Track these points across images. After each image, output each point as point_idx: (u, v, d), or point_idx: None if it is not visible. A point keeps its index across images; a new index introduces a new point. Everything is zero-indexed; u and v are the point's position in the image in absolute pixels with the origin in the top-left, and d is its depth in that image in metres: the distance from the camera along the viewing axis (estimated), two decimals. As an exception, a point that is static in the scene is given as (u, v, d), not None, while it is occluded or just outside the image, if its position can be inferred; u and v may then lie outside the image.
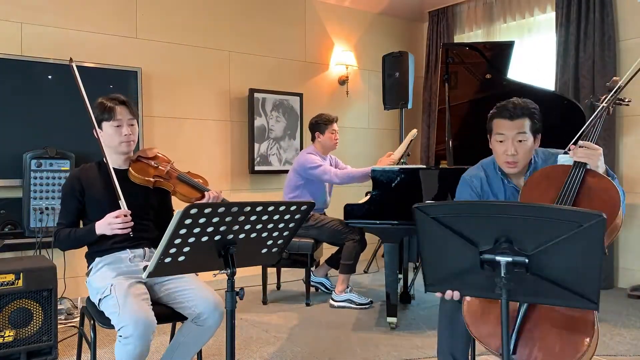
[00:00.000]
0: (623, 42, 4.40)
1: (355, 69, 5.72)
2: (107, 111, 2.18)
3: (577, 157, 1.72)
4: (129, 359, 1.85)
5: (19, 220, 3.66)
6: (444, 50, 3.55)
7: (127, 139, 2.21)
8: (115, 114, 2.18)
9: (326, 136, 4.03)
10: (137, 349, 1.84)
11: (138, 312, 1.88)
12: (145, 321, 1.87)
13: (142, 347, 1.85)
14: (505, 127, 1.95)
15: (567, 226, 1.30)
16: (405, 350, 2.98)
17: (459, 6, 5.75)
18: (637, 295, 4.08)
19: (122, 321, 1.87)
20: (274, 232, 1.68)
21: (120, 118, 2.19)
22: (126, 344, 1.84)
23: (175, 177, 2.31)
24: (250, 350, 2.99)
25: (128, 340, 1.83)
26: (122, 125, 2.19)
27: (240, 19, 4.93)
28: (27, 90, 3.75)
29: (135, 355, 1.85)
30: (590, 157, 1.71)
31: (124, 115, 2.21)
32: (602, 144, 4.36)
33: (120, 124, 2.19)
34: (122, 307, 1.90)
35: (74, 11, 4.05)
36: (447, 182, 3.27)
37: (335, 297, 3.85)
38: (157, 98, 4.43)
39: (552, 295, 1.41)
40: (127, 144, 2.22)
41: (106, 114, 2.18)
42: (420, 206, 1.42)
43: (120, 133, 2.19)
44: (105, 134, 2.20)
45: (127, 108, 2.22)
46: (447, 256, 1.48)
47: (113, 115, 2.18)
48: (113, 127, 2.18)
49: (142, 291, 2.04)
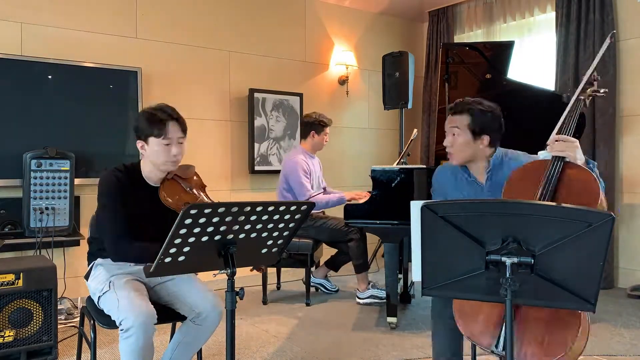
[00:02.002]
0: (623, 42, 4.40)
1: (355, 69, 5.72)
2: (158, 126, 1.98)
3: (555, 150, 1.75)
4: (133, 354, 1.84)
5: (19, 220, 3.66)
6: (444, 50, 3.55)
7: (174, 159, 2.03)
8: (167, 132, 1.99)
9: (320, 137, 4.06)
10: (139, 340, 1.82)
11: (137, 303, 1.88)
12: (145, 311, 1.86)
13: (144, 339, 1.83)
14: (447, 120, 2.16)
15: (576, 226, 1.30)
16: (405, 350, 2.98)
17: (459, 6, 5.75)
18: (637, 295, 4.08)
19: (122, 313, 1.86)
20: (274, 232, 1.68)
21: (171, 137, 2.00)
22: (128, 336, 1.83)
23: None
24: (250, 350, 2.99)
25: (129, 332, 1.83)
26: (172, 145, 2.00)
27: (240, 19, 4.93)
28: (27, 90, 3.75)
29: (138, 348, 1.83)
30: (567, 150, 1.74)
31: (175, 133, 2.01)
32: (602, 144, 4.36)
33: (170, 142, 2.00)
34: (121, 300, 1.90)
35: (74, 11, 4.05)
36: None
37: (360, 295, 3.93)
38: (157, 98, 4.42)
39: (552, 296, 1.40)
40: (172, 164, 2.05)
41: (156, 130, 1.98)
42: (429, 205, 1.41)
43: (168, 152, 2.00)
44: (150, 149, 2.01)
45: (179, 125, 2.03)
46: (450, 257, 1.47)
47: (164, 132, 1.98)
48: (162, 144, 1.99)
49: (141, 287, 2.04)
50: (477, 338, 1.70)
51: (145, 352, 1.86)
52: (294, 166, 3.91)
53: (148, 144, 2.02)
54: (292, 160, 3.95)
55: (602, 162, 4.36)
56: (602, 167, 4.36)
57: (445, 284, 1.50)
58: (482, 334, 1.69)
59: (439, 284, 1.51)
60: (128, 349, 1.84)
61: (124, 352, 1.85)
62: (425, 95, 5.99)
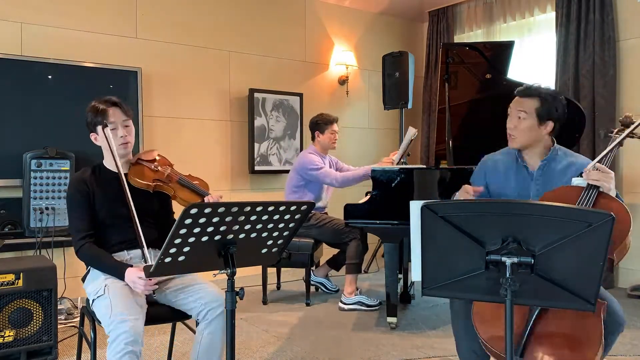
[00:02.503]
0: (623, 42, 4.40)
1: (355, 69, 5.72)
2: (100, 114, 2.11)
3: (591, 179, 1.79)
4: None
5: (19, 220, 3.66)
6: (444, 50, 3.55)
7: (123, 140, 2.15)
8: (108, 117, 2.12)
9: (325, 136, 4.04)
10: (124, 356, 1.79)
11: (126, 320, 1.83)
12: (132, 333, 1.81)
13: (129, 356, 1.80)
14: (513, 103, 2.12)
15: (577, 226, 1.30)
16: (405, 350, 2.98)
17: (459, 6, 5.75)
18: (637, 295, 4.08)
19: (109, 325, 1.85)
20: (274, 232, 1.68)
21: (113, 120, 2.12)
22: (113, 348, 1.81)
23: (176, 180, 2.28)
24: (250, 350, 2.99)
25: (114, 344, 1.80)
26: (117, 128, 2.13)
27: (240, 19, 4.93)
28: (27, 90, 3.75)
29: None
30: (604, 180, 1.77)
31: (118, 117, 2.14)
32: (602, 144, 4.36)
33: (114, 126, 2.13)
34: (114, 309, 1.88)
35: (74, 11, 4.05)
36: (447, 182, 3.27)
37: (345, 300, 3.80)
38: (157, 98, 4.43)
39: (552, 296, 1.40)
40: (124, 146, 2.16)
41: (99, 117, 2.11)
42: (429, 205, 1.41)
43: (116, 136, 2.13)
44: (100, 137, 2.14)
45: (120, 109, 2.15)
46: (450, 257, 1.47)
47: (107, 117, 2.11)
48: (109, 130, 2.11)
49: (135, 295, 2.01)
50: (495, 342, 1.68)
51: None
52: (306, 161, 3.90)
53: (98, 134, 2.15)
54: (305, 158, 3.96)
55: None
56: (602, 167, 4.36)
57: (445, 284, 1.50)
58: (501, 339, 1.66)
59: (439, 284, 1.51)
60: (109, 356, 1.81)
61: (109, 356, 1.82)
62: (425, 95, 5.99)
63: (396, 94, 4.67)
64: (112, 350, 1.81)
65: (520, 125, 2.07)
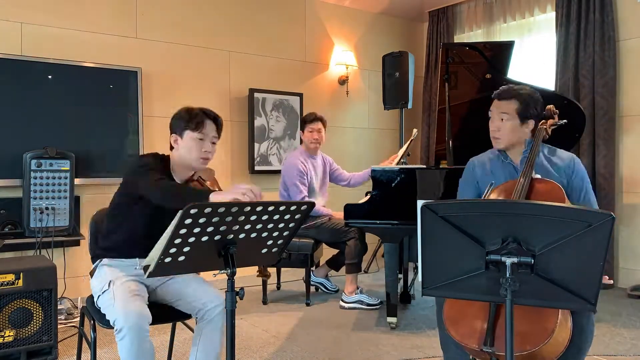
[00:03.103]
0: (623, 42, 4.40)
1: (355, 69, 5.72)
2: (196, 121, 2.08)
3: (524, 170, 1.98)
4: (129, 355, 1.83)
5: (19, 220, 3.66)
6: (444, 50, 3.55)
7: (205, 155, 2.10)
8: (205, 127, 2.08)
9: (305, 135, 4.03)
10: (133, 343, 1.81)
11: (131, 305, 1.87)
12: (137, 313, 1.84)
13: (138, 341, 1.82)
14: (493, 106, 2.21)
15: (576, 226, 1.30)
16: (405, 350, 2.98)
17: (459, 6, 5.75)
18: (637, 295, 4.08)
19: (115, 314, 1.87)
20: (274, 232, 1.68)
21: (206, 132, 2.09)
22: (121, 338, 1.83)
23: None
24: (250, 350, 2.99)
25: (122, 333, 1.82)
26: (205, 140, 2.09)
27: (240, 19, 4.93)
28: (27, 90, 3.75)
29: (133, 350, 1.82)
30: None
31: (210, 132, 2.11)
32: (602, 144, 4.36)
33: (204, 137, 2.09)
34: (117, 301, 1.90)
35: (74, 11, 4.05)
36: (447, 182, 3.27)
37: (346, 299, 3.82)
38: (157, 98, 4.43)
39: (552, 297, 1.40)
40: (203, 161, 2.11)
41: (193, 124, 2.07)
42: (429, 204, 1.41)
43: (201, 147, 2.08)
44: (183, 143, 2.09)
45: (216, 126, 2.13)
46: (450, 257, 1.47)
47: (201, 127, 2.07)
48: (196, 139, 2.07)
49: (139, 288, 2.04)
50: (467, 340, 1.74)
51: (142, 352, 1.85)
52: (290, 167, 3.92)
53: (182, 138, 2.09)
54: (289, 162, 3.97)
55: (602, 162, 4.36)
56: (602, 167, 4.36)
57: (445, 284, 1.50)
58: (471, 335, 1.73)
59: (439, 284, 1.51)
60: (124, 350, 1.83)
61: (121, 353, 1.85)
62: (425, 95, 5.99)
63: (396, 94, 4.66)
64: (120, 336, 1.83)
65: (504, 127, 2.15)
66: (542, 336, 1.63)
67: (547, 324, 1.64)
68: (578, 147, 4.44)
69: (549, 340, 1.62)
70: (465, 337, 1.75)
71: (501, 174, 2.19)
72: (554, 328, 1.63)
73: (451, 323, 1.81)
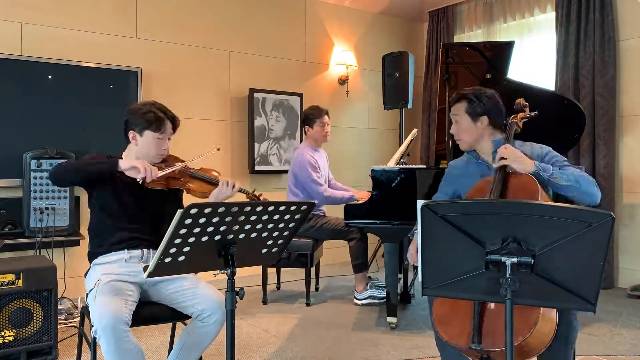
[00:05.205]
0: (623, 42, 4.40)
1: (355, 69, 5.72)
2: (157, 122, 2.19)
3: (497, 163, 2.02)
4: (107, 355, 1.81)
5: (19, 220, 3.66)
6: (444, 50, 3.55)
7: (163, 152, 2.25)
8: (165, 128, 2.21)
9: (315, 130, 4.01)
10: (109, 343, 1.79)
11: (106, 306, 1.85)
12: (111, 314, 1.82)
13: (115, 341, 1.79)
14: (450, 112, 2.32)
15: (576, 226, 1.30)
16: (405, 350, 2.98)
17: (459, 6, 5.75)
18: (637, 295, 4.08)
19: (92, 314, 1.87)
20: (274, 232, 1.68)
21: (165, 132, 2.22)
22: (98, 338, 1.82)
23: (188, 175, 2.30)
24: (250, 350, 2.99)
25: (97, 334, 1.82)
26: (164, 139, 2.23)
27: (240, 19, 4.93)
28: (27, 90, 3.75)
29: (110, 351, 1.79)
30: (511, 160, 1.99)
31: (169, 131, 2.24)
32: (602, 144, 4.36)
33: (163, 137, 2.22)
34: (95, 301, 1.91)
35: (74, 11, 4.05)
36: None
37: (358, 296, 3.91)
38: (157, 98, 4.35)
39: (552, 296, 1.40)
40: (160, 157, 2.25)
41: (154, 125, 2.19)
42: (429, 204, 1.42)
43: (160, 146, 2.22)
44: (144, 141, 2.20)
45: (173, 125, 2.26)
46: (450, 257, 1.47)
47: (162, 128, 2.20)
48: (156, 138, 2.20)
49: (126, 287, 2.03)
50: (457, 340, 1.75)
51: (123, 353, 1.82)
52: (301, 163, 3.87)
53: (142, 136, 2.20)
54: (299, 158, 3.93)
55: (602, 162, 4.36)
56: (602, 167, 4.36)
57: (445, 284, 1.50)
58: (460, 335, 1.75)
59: (439, 284, 1.51)
60: (103, 350, 1.82)
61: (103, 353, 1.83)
62: (425, 95, 5.99)
63: (396, 93, 4.67)
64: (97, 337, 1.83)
65: (459, 128, 2.24)
66: (525, 329, 1.64)
67: (529, 316, 1.66)
68: (578, 147, 4.44)
69: (533, 331, 1.64)
70: (454, 337, 1.77)
71: (477, 173, 2.24)
72: (536, 320, 1.65)
73: (439, 324, 1.84)
